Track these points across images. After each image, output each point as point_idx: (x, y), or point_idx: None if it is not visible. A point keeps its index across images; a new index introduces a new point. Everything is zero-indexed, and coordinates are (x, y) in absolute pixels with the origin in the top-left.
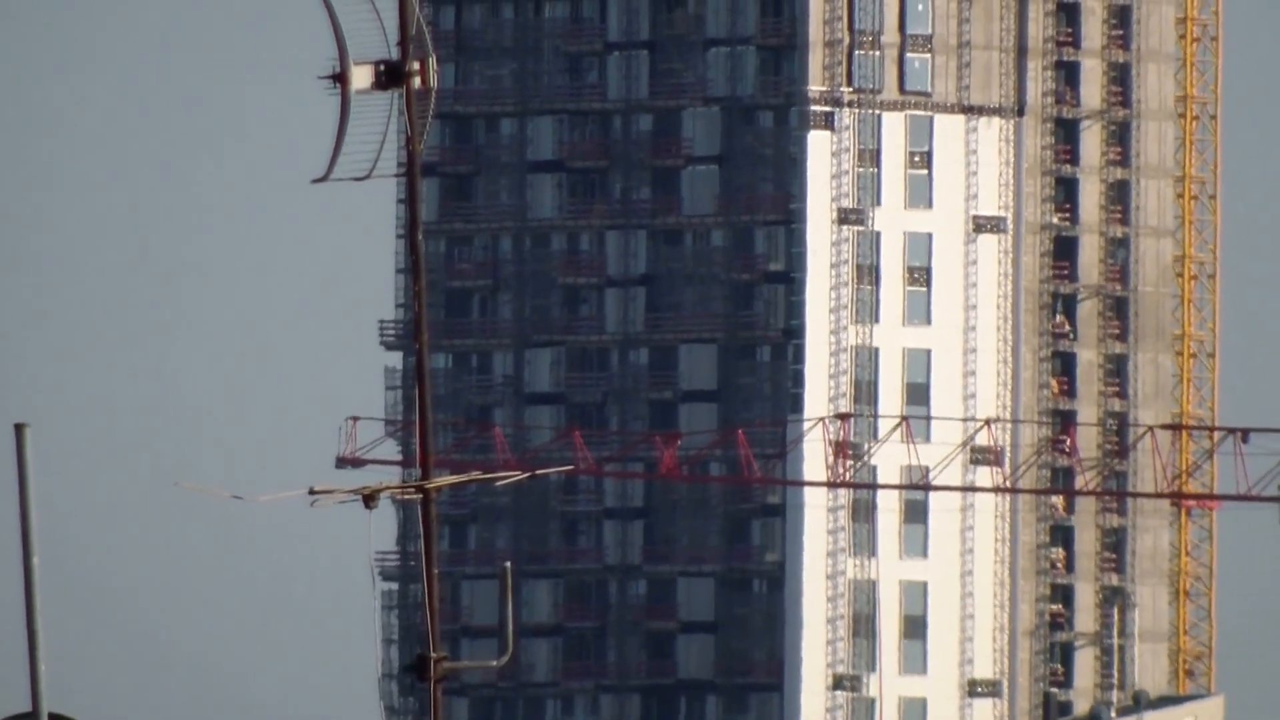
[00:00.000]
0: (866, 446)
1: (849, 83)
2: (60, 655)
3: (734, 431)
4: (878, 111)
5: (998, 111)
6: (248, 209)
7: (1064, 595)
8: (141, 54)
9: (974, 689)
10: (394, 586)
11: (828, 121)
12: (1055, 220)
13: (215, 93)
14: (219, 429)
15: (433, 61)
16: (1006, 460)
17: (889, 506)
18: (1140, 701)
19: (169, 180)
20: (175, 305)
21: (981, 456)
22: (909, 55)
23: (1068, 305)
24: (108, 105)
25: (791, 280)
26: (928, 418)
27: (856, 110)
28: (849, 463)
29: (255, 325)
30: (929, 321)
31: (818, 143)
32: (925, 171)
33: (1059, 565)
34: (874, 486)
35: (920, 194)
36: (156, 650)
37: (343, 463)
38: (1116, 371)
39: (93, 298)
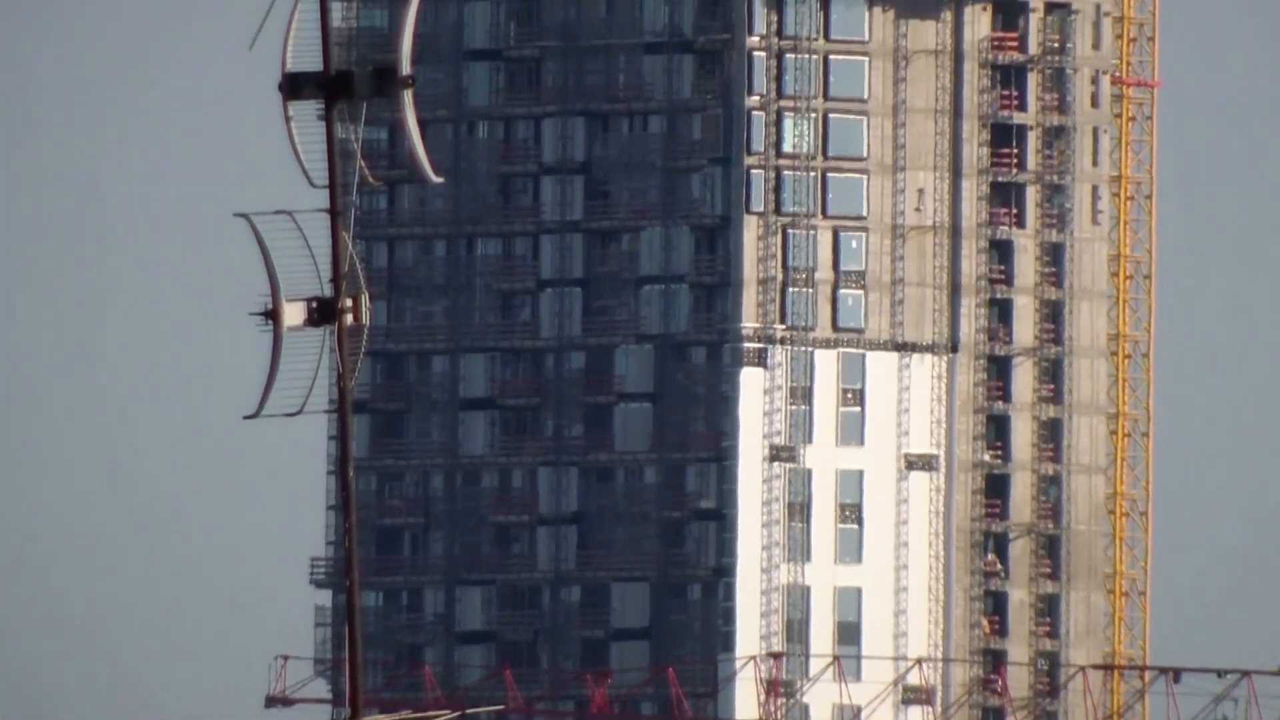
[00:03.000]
0: (798, 685)
1: (782, 320)
2: None
3: (665, 670)
4: (810, 349)
5: (930, 348)
6: (179, 445)
7: None
8: (76, 301)
9: None
10: None
11: (760, 358)
12: (987, 458)
13: (148, 328)
14: (148, 666)
15: (365, 298)
16: (938, 699)
17: None
18: None
19: (100, 418)
20: (103, 542)
21: (913, 696)
22: (842, 292)
23: (999, 543)
24: (30, 357)
25: (723, 518)
26: (859, 656)
27: (789, 347)
28: (781, 701)
29: (186, 561)
30: (860, 560)
31: (750, 379)
32: (858, 408)
33: None
34: None
35: (852, 431)
36: None
37: (272, 702)
38: (1048, 610)
39: (32, 529)
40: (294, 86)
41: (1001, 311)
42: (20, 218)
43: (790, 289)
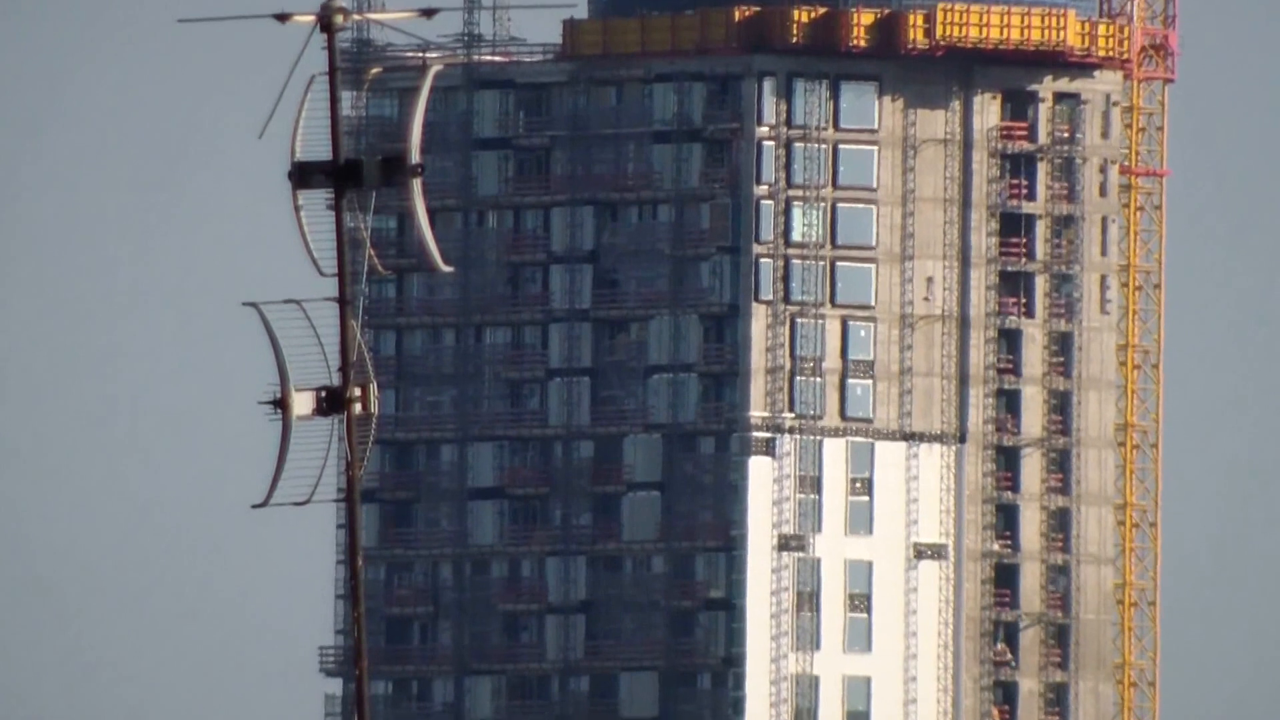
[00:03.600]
0: None
1: (790, 409)
2: None
3: None
4: (819, 438)
5: (939, 438)
6: (188, 534)
7: None
8: (85, 389)
9: None
10: None
11: (769, 448)
12: (996, 547)
13: (157, 417)
14: None
15: (373, 387)
16: None
17: None
18: None
19: (111, 507)
20: (112, 632)
21: None
22: (850, 381)
23: (1009, 633)
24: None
25: (732, 607)
26: None
27: (798, 436)
28: None
29: (194, 651)
30: (870, 649)
31: (759, 469)
32: (866, 498)
33: None
34: None
35: (861, 520)
36: None
37: None
38: (1057, 700)
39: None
40: (303, 175)
41: (1010, 401)
42: (27, 308)
43: (799, 378)
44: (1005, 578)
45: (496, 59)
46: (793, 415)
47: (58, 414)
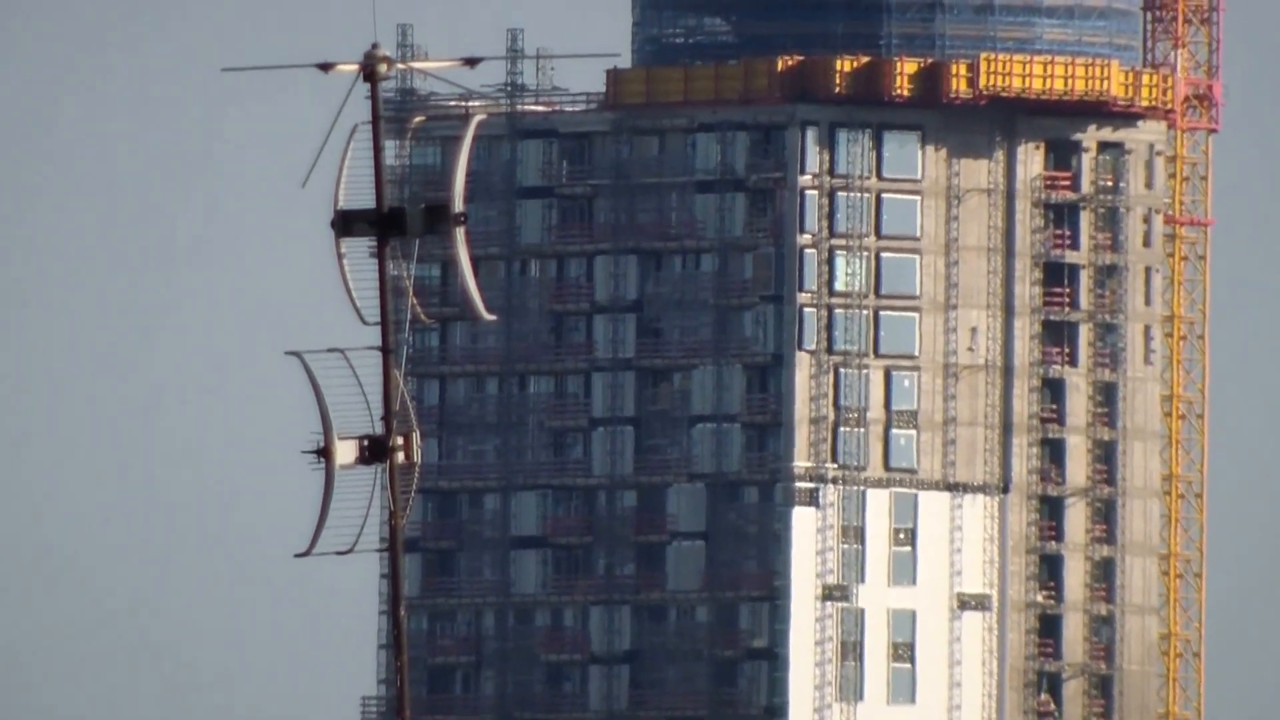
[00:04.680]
0: None
1: (834, 459)
2: None
3: None
4: (862, 488)
5: (982, 488)
6: (231, 583)
7: None
8: (128, 439)
9: None
10: None
11: (812, 498)
12: (1040, 598)
13: (200, 467)
14: None
15: (416, 436)
16: None
17: None
18: None
19: (153, 557)
20: (155, 682)
21: None
22: (894, 432)
23: (1053, 683)
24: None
25: (775, 657)
26: None
27: (841, 487)
28: None
29: (238, 701)
30: (913, 700)
31: (802, 519)
32: (909, 548)
33: None
34: None
35: (904, 571)
36: None
37: None
38: None
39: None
40: (346, 223)
41: (1054, 451)
42: (69, 359)
43: (842, 428)
44: (1049, 628)
45: (540, 108)
46: (836, 465)
47: (101, 463)
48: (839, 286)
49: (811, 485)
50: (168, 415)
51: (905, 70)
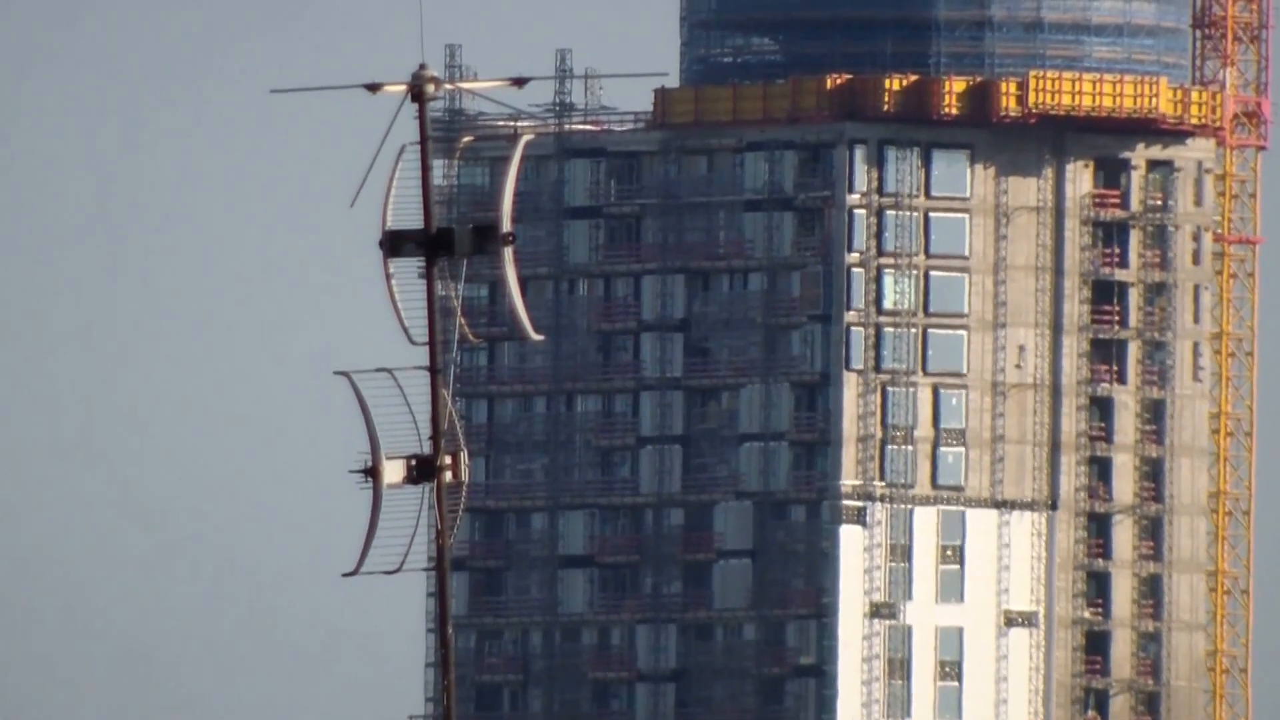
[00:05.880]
0: None
1: (881, 477)
2: None
3: None
4: (910, 506)
5: (1030, 506)
6: (280, 602)
7: None
8: (180, 457)
9: None
10: None
11: (859, 516)
12: (1087, 614)
13: (250, 486)
14: None
15: (464, 456)
16: None
17: None
18: None
19: (203, 578)
20: (204, 702)
21: None
22: (942, 450)
23: (1100, 700)
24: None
25: (823, 674)
26: None
27: (889, 505)
28: None
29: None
30: (960, 716)
31: (850, 537)
32: (957, 566)
33: None
34: None
35: (952, 588)
36: None
37: None
38: None
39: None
40: (395, 244)
41: (1101, 469)
42: (124, 382)
43: (890, 446)
44: (1096, 645)
45: (588, 127)
46: (884, 483)
47: (151, 485)
48: (887, 305)
49: (859, 503)
50: (217, 435)
51: (954, 89)
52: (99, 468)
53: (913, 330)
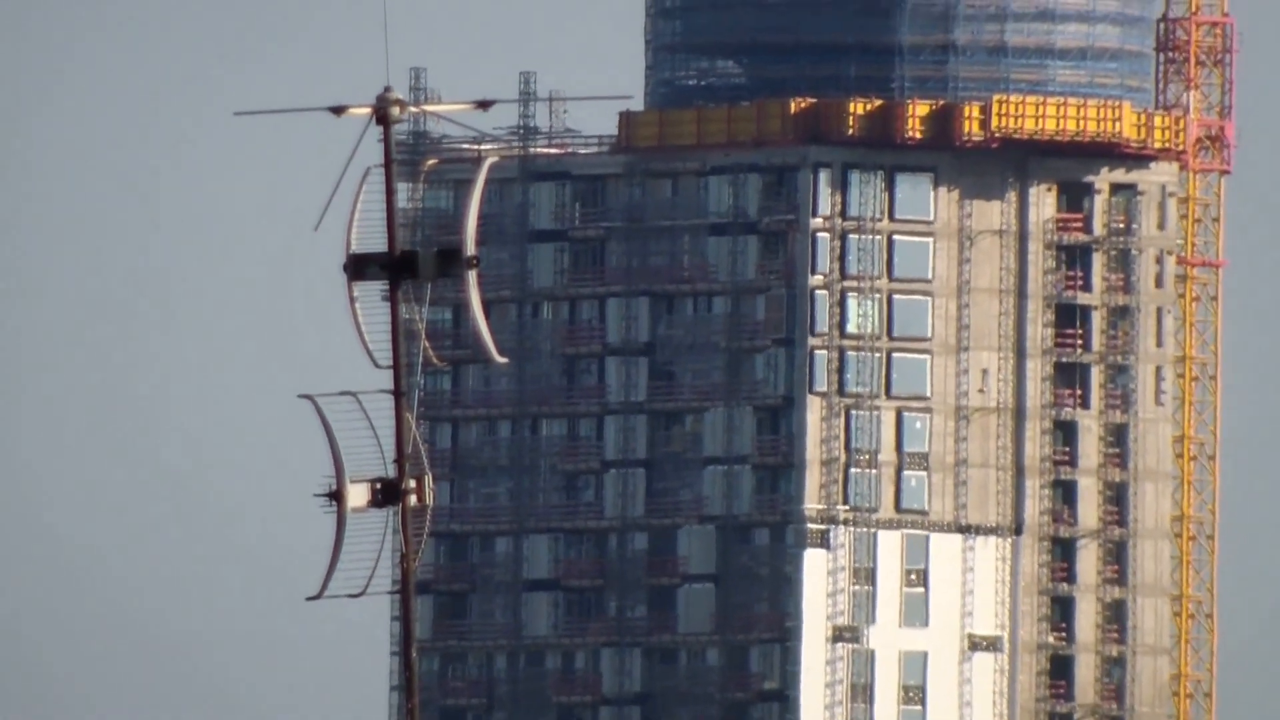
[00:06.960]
0: None
1: (845, 501)
2: None
3: None
4: (874, 530)
5: (994, 530)
6: (242, 626)
7: None
8: (138, 481)
9: None
10: None
11: (823, 540)
12: (1051, 639)
13: (211, 509)
14: None
15: (429, 479)
16: None
17: None
18: None
19: (163, 600)
20: None
21: None
22: (906, 473)
23: None
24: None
25: (786, 699)
26: None
27: (852, 529)
28: None
29: None
30: None
31: (813, 561)
32: (921, 590)
33: None
34: None
35: (916, 612)
36: None
37: None
38: None
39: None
40: (359, 267)
41: (1065, 493)
42: (82, 403)
43: (853, 470)
44: (1060, 669)
45: (552, 151)
46: (847, 507)
47: (112, 507)
48: (850, 328)
49: (823, 527)
50: (179, 459)
51: (918, 112)
52: (60, 490)
53: (876, 354)
